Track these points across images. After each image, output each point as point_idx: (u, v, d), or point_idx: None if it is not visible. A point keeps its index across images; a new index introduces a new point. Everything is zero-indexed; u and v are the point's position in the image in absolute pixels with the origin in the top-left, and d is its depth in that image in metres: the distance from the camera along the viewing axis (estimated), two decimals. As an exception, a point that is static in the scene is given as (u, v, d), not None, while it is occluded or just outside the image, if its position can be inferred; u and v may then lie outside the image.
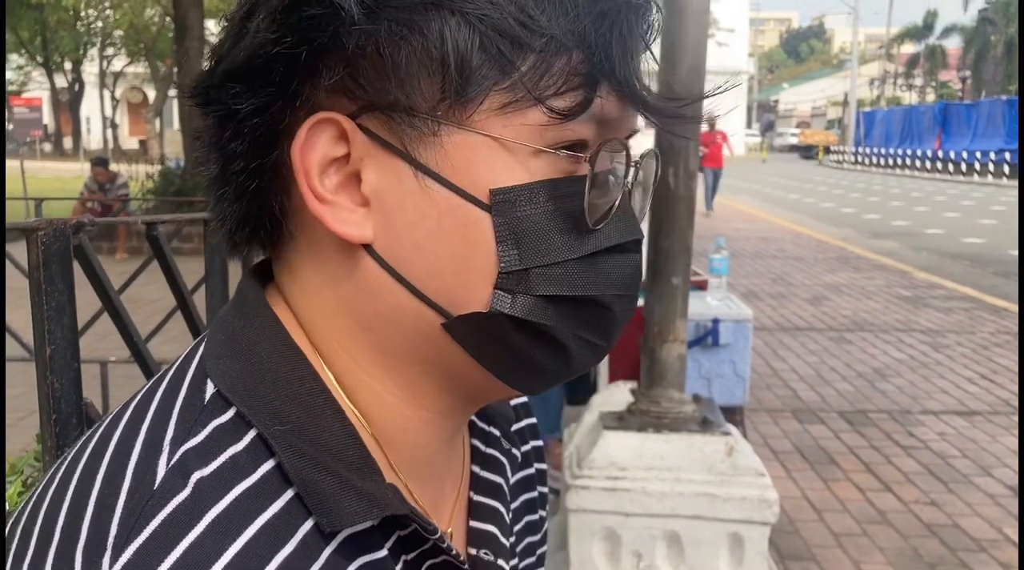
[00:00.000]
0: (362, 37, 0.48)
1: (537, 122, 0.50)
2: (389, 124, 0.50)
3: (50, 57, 37.84)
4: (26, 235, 0.98)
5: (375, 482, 0.52)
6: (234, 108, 0.51)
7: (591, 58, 0.50)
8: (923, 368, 6.49)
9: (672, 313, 2.72)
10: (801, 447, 4.88)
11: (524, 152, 0.51)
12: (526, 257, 0.51)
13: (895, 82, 71.43)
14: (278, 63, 0.49)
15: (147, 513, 0.46)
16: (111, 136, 38.81)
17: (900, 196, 23.71)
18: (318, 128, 0.51)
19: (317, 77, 0.50)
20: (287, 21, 0.48)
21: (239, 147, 0.52)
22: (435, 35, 0.49)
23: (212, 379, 0.52)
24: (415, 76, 0.49)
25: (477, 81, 0.49)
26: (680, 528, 2.54)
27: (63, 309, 0.99)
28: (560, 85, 0.50)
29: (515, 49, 0.49)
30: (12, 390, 4.05)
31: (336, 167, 0.52)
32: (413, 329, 0.54)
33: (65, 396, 1.01)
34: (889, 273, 10.91)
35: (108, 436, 0.52)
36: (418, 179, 0.51)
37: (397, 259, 0.52)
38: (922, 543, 3.77)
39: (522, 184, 0.51)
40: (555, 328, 0.53)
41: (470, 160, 0.50)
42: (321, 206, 0.51)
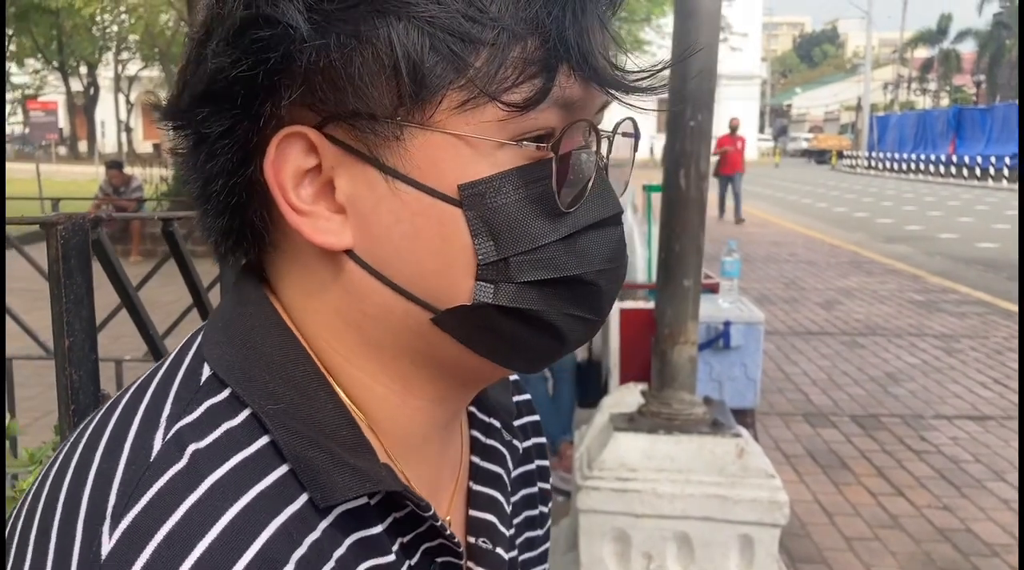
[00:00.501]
0: (313, 52, 0.49)
1: (495, 117, 0.51)
2: (354, 132, 0.52)
3: (66, 61, 38.09)
4: (46, 229, 1.00)
5: (369, 460, 0.54)
6: (203, 131, 0.53)
7: (545, 44, 0.50)
8: (936, 373, 6.46)
9: (683, 315, 2.72)
10: (813, 451, 4.87)
11: (487, 146, 0.51)
12: (503, 247, 0.52)
13: (909, 86, 71.14)
14: (237, 85, 0.50)
15: (144, 482, 0.47)
16: (126, 140, 39.01)
17: (913, 201, 23.61)
18: (287, 142, 0.52)
19: (277, 95, 0.51)
20: (240, 44, 0.49)
21: (214, 167, 0.54)
22: (384, 42, 0.49)
23: (208, 363, 0.54)
24: (370, 84, 0.50)
25: (432, 82, 0.50)
26: (690, 529, 2.54)
27: (81, 302, 1.01)
28: (517, 76, 0.50)
29: (467, 46, 0.50)
30: (29, 390, 4.08)
31: (310, 178, 0.53)
32: (402, 325, 0.55)
33: (83, 388, 1.03)
34: (902, 277, 10.86)
35: (108, 417, 0.53)
36: (388, 183, 0.52)
37: (379, 261, 0.53)
38: (934, 548, 3.75)
39: (488, 176, 0.51)
40: (542, 310, 0.54)
41: (435, 159, 0.51)
42: (299, 218, 0.53)
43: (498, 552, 0.66)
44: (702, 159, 2.66)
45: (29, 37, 35.03)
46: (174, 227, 1.37)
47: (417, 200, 0.51)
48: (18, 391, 3.09)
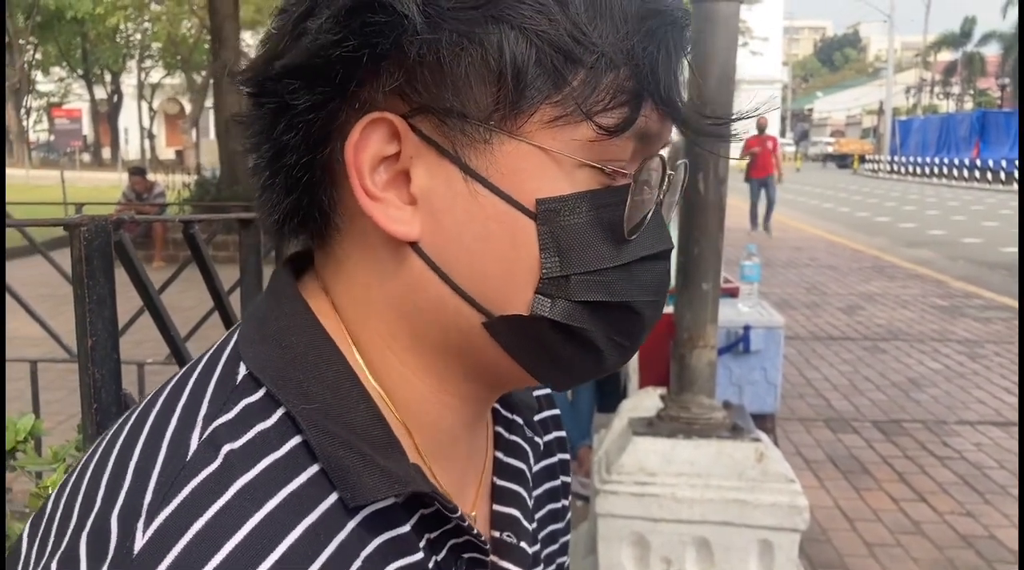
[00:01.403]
0: (423, 46, 0.50)
1: (584, 137, 0.52)
2: (441, 128, 0.52)
3: (90, 69, 38.54)
4: (69, 231, 1.02)
5: (398, 461, 0.54)
6: (290, 103, 0.53)
7: (638, 75, 0.52)
8: (959, 378, 6.40)
9: (702, 319, 2.72)
10: (834, 456, 4.83)
11: (569, 164, 0.52)
12: (567, 264, 0.53)
13: (932, 90, 70.59)
14: (338, 64, 0.51)
15: (179, 482, 0.48)
16: (148, 146, 39.38)
17: (936, 205, 23.41)
18: (372, 127, 0.52)
19: (376, 80, 0.52)
20: (350, 25, 0.50)
21: (292, 140, 0.54)
22: (494, 47, 0.50)
23: (244, 362, 0.55)
24: (472, 85, 0.51)
25: (531, 94, 0.51)
26: (710, 534, 2.53)
27: (104, 302, 1.03)
28: (608, 101, 0.52)
29: (568, 64, 0.51)
30: (53, 394, 4.13)
31: (386, 165, 0.54)
32: (452, 324, 0.56)
33: (105, 386, 1.05)
34: (925, 282, 10.77)
35: (146, 413, 0.55)
36: (467, 183, 0.52)
37: (443, 258, 0.54)
38: (957, 554, 3.71)
39: (566, 194, 0.53)
40: (590, 331, 0.55)
41: (518, 169, 0.52)
42: (371, 203, 0.53)
43: (522, 546, 0.66)
44: (720, 163, 2.65)
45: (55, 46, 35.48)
46: (195, 229, 1.38)
47: (493, 205, 0.52)
48: (43, 394, 3.13)
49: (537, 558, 0.71)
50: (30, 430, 1.29)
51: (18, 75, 33.99)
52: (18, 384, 3.75)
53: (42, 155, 39.27)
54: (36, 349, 3.80)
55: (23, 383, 3.10)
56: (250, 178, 0.60)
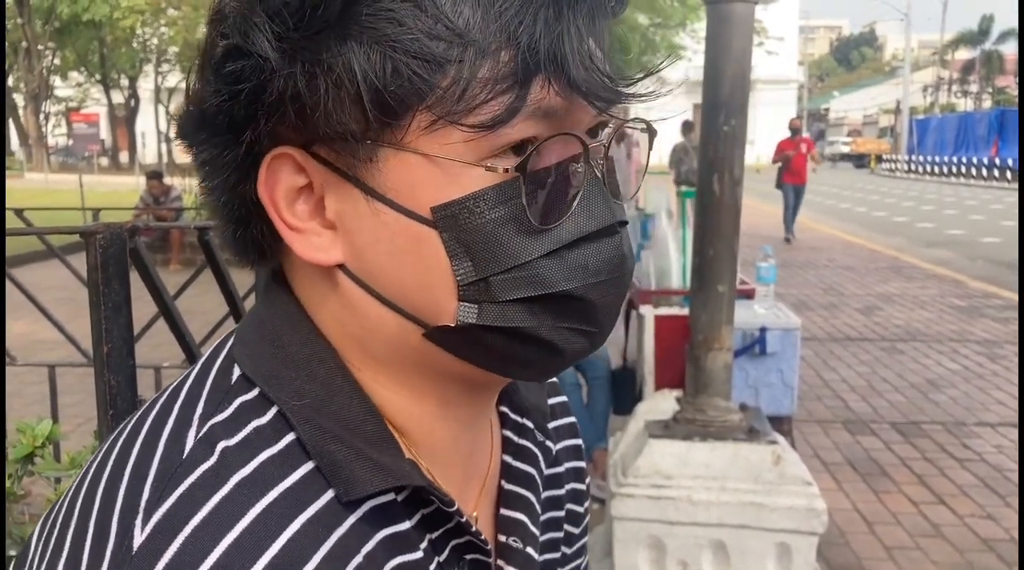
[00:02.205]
0: (282, 81, 0.50)
1: (462, 138, 0.50)
2: (335, 153, 0.53)
3: (107, 74, 38.81)
4: (85, 238, 1.03)
5: (392, 455, 0.55)
6: (198, 152, 0.55)
7: (518, 55, 0.49)
8: (979, 379, 6.35)
9: (718, 321, 2.71)
10: (852, 458, 4.80)
11: (457, 166, 0.51)
12: (481, 267, 0.52)
13: (949, 89, 70.11)
14: (221, 114, 0.53)
15: (176, 478, 0.49)
16: (166, 150, 39.58)
17: (955, 204, 23.23)
18: (277, 163, 0.54)
19: (256, 122, 0.52)
20: (220, 75, 0.52)
21: (218, 184, 0.56)
22: (346, 69, 0.49)
23: (238, 362, 0.56)
24: (337, 110, 0.51)
25: (397, 106, 0.50)
26: (726, 537, 2.52)
27: (119, 309, 1.04)
28: (486, 94, 0.49)
29: (431, 67, 0.49)
30: (71, 397, 4.16)
31: (304, 196, 0.55)
32: (398, 338, 0.56)
33: (121, 393, 1.06)
34: (943, 282, 10.69)
35: (144, 417, 0.56)
36: (368, 202, 0.53)
37: (369, 276, 0.55)
38: (978, 558, 3.68)
39: (460, 197, 0.51)
40: (531, 327, 0.53)
41: (409, 180, 0.52)
42: (292, 234, 0.55)
43: (528, 551, 0.66)
44: (736, 164, 2.64)
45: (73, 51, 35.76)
46: (210, 236, 1.40)
47: (395, 221, 0.52)
48: (61, 398, 3.15)
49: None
50: (48, 435, 1.31)
51: (37, 80, 34.30)
52: (38, 388, 3.77)
53: (61, 160, 39.60)
54: (55, 353, 3.83)
55: (43, 387, 3.12)
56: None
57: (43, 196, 18.63)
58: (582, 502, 0.79)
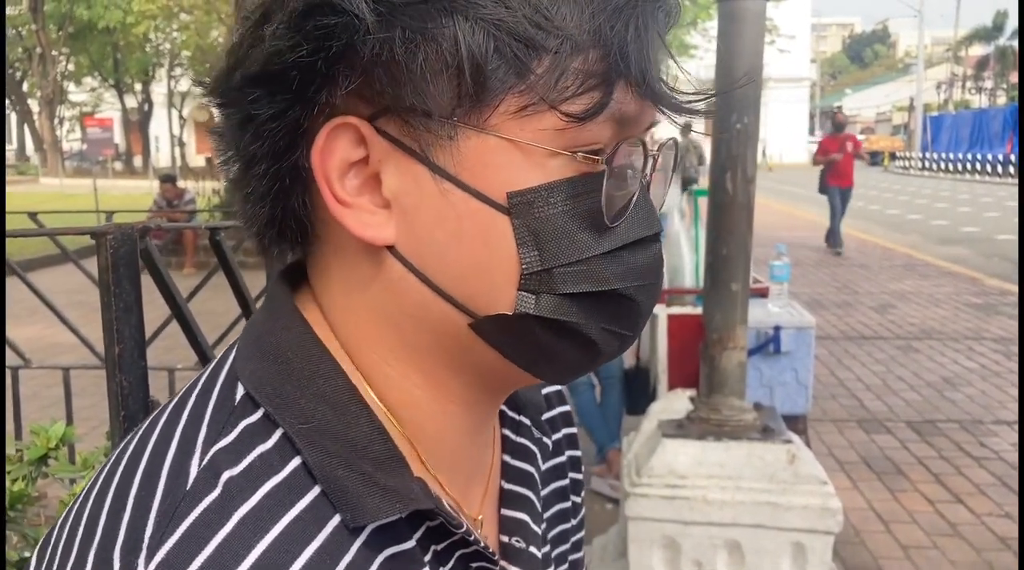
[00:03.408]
0: (377, 45, 0.49)
1: (553, 126, 0.50)
2: (407, 127, 0.51)
3: (121, 79, 39.04)
4: (96, 239, 1.03)
5: (401, 477, 0.53)
6: (253, 112, 0.52)
7: (607, 57, 0.50)
8: (995, 377, 6.30)
9: (732, 320, 2.69)
10: (867, 457, 4.78)
11: (540, 154, 0.51)
12: (547, 257, 0.52)
13: (963, 85, 69.69)
14: (294, 70, 0.50)
15: (180, 514, 0.47)
16: (179, 154, 39.81)
17: (969, 202, 23.08)
18: (337, 132, 0.51)
19: (334, 83, 0.50)
20: (302, 29, 0.49)
21: (259, 150, 0.53)
22: (449, 41, 0.49)
23: (241, 381, 0.54)
24: (430, 82, 0.49)
25: (493, 85, 0.49)
26: (741, 537, 2.51)
27: (131, 310, 1.04)
28: (577, 87, 0.50)
29: (530, 52, 0.49)
30: (85, 399, 4.18)
31: (356, 170, 0.52)
32: (439, 327, 0.54)
33: (133, 394, 1.05)
34: (958, 280, 10.62)
35: (147, 438, 0.54)
36: (436, 182, 0.51)
37: (421, 260, 0.53)
38: (997, 557, 3.65)
39: (539, 185, 0.51)
40: (581, 323, 0.53)
41: (487, 163, 0.51)
42: (342, 209, 0.52)
43: (531, 550, 0.66)
44: (748, 162, 2.63)
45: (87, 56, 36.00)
46: (221, 237, 1.39)
47: (464, 202, 0.51)
48: (75, 400, 3.16)
49: (548, 559, 0.70)
50: (61, 437, 1.32)
51: (51, 86, 34.53)
52: (54, 390, 3.79)
53: (75, 164, 39.84)
54: (71, 356, 3.85)
55: (59, 389, 3.14)
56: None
57: (58, 200, 18.76)
58: (579, 492, 0.78)
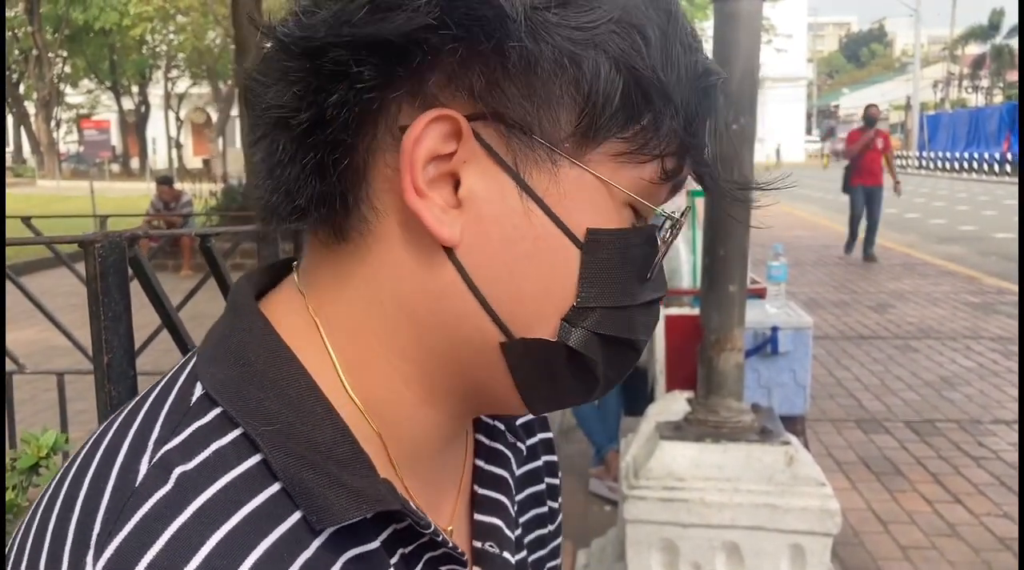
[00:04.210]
0: (523, 53, 0.48)
1: (640, 176, 0.53)
2: (505, 138, 0.51)
3: (118, 81, 39.03)
4: (84, 248, 1.02)
5: (366, 478, 0.52)
6: (351, 74, 0.49)
7: (688, 127, 0.53)
8: (994, 376, 6.30)
9: (729, 321, 2.69)
10: (866, 458, 4.77)
11: (620, 199, 0.53)
12: (598, 296, 0.53)
13: (960, 84, 69.79)
14: (426, 49, 0.48)
15: (128, 509, 0.46)
16: (176, 156, 39.80)
17: (967, 200, 23.11)
18: (435, 122, 0.50)
19: (455, 75, 0.49)
20: (453, 13, 0.47)
21: (341, 114, 0.50)
22: (591, 72, 0.50)
23: (201, 382, 0.52)
24: (557, 105, 0.50)
25: (607, 124, 0.51)
26: (739, 539, 2.50)
27: (119, 319, 1.03)
28: (664, 147, 0.53)
29: (644, 103, 0.51)
30: (81, 404, 4.16)
31: (436, 163, 0.51)
32: (466, 338, 0.54)
33: (122, 403, 1.04)
34: (956, 279, 10.63)
35: (99, 442, 0.52)
36: (523, 200, 0.51)
37: (477, 269, 0.52)
38: (995, 557, 3.65)
39: (614, 229, 0.53)
40: (597, 363, 0.55)
41: (575, 196, 0.52)
42: (419, 200, 0.50)
43: (504, 556, 0.65)
44: (745, 163, 2.62)
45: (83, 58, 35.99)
46: (211, 243, 1.38)
47: (543, 226, 0.52)
48: (72, 405, 3.15)
49: (524, 564, 0.69)
50: (52, 445, 1.30)
51: (48, 88, 34.50)
52: (51, 395, 3.78)
53: (72, 166, 39.79)
54: (67, 360, 3.84)
55: (53, 393, 3.13)
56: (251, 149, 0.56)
57: (55, 203, 18.74)
58: (556, 497, 0.77)
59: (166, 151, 40.75)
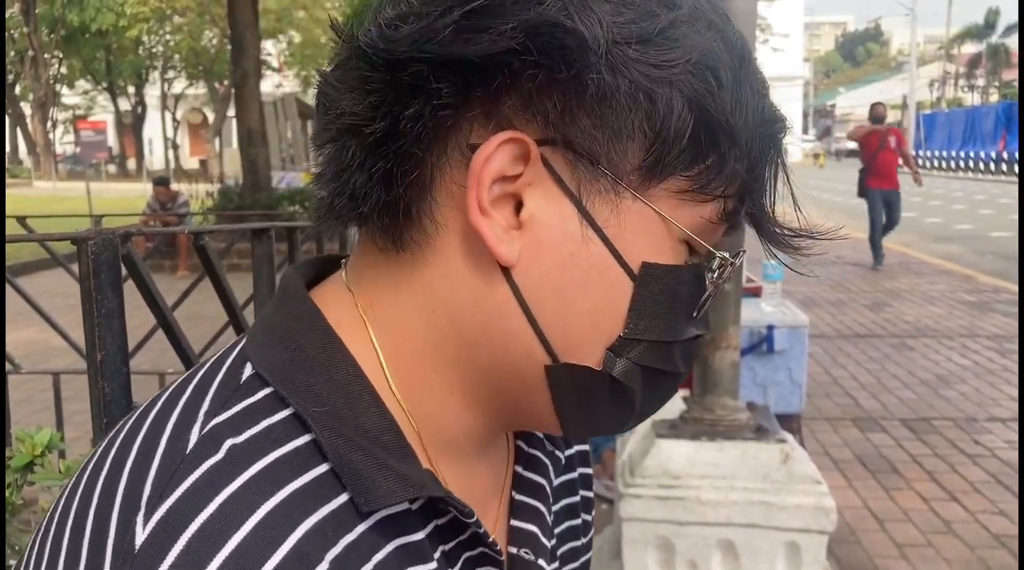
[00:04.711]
0: (601, 84, 0.50)
1: (702, 215, 0.54)
2: (572, 166, 0.52)
3: (114, 82, 39.00)
4: (77, 245, 1.02)
5: (412, 465, 0.53)
6: (430, 90, 0.50)
7: (750, 172, 0.54)
8: (989, 375, 6.31)
9: (724, 320, 2.69)
10: (862, 456, 4.78)
11: (676, 236, 0.54)
12: (645, 329, 0.54)
13: (956, 83, 69.89)
14: (507, 72, 0.50)
15: (180, 474, 0.47)
16: (172, 156, 39.77)
17: (963, 199, 23.14)
18: (506, 145, 0.51)
19: (534, 100, 0.50)
20: (536, 40, 0.48)
21: (414, 128, 0.51)
22: (663, 108, 0.51)
23: (252, 363, 0.53)
24: (628, 138, 0.51)
25: (673, 161, 0.52)
26: (735, 537, 2.51)
27: (112, 316, 1.03)
28: (725, 189, 0.54)
29: (711, 143, 0.52)
30: (76, 404, 4.17)
31: (501, 184, 0.52)
32: (511, 357, 0.55)
33: (115, 400, 1.05)
34: (952, 278, 10.64)
35: (146, 413, 0.53)
36: (582, 227, 0.52)
37: (532, 292, 0.53)
38: (990, 554, 3.65)
39: (668, 265, 0.54)
40: (636, 393, 0.56)
41: (635, 229, 0.53)
42: (481, 218, 0.51)
43: (540, 563, 0.65)
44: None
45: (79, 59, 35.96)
46: (205, 241, 1.38)
47: (600, 255, 0.52)
48: (68, 405, 3.15)
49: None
50: (47, 443, 1.30)
51: (44, 89, 34.46)
52: (45, 394, 3.78)
53: (69, 167, 39.74)
54: (63, 360, 3.84)
55: (50, 393, 3.13)
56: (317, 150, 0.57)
57: (51, 203, 18.71)
58: (590, 511, 0.78)
59: (162, 152, 40.74)
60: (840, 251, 13.01)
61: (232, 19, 12.20)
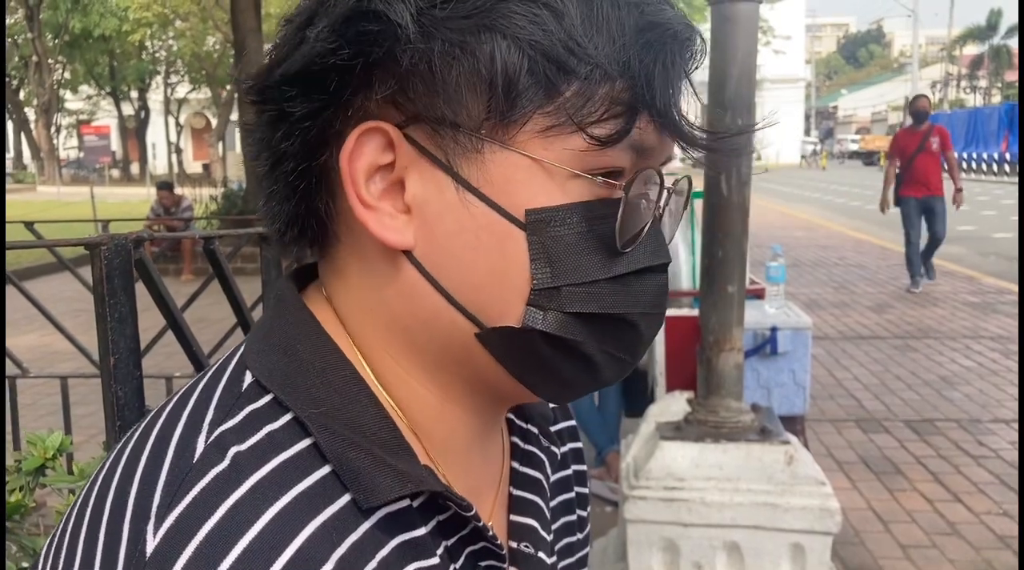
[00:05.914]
0: (416, 54, 0.50)
1: (576, 147, 0.52)
2: (435, 137, 0.52)
3: (117, 86, 39.07)
4: (90, 250, 1.04)
5: (409, 462, 0.54)
6: (287, 110, 0.54)
7: (633, 88, 0.52)
8: (993, 376, 6.31)
9: (728, 322, 2.70)
10: (866, 457, 4.78)
11: (561, 174, 0.52)
12: (558, 275, 0.53)
13: (958, 84, 69.83)
14: (333, 72, 0.52)
15: (188, 482, 0.48)
16: (176, 161, 39.81)
17: (966, 200, 23.03)
18: (367, 136, 0.53)
19: (369, 88, 0.52)
20: (345, 34, 0.51)
21: (290, 148, 0.55)
22: (486, 57, 0.51)
23: (251, 370, 0.55)
24: (463, 94, 0.51)
25: (522, 103, 0.51)
26: (740, 538, 2.51)
27: (125, 321, 1.04)
28: (602, 113, 0.52)
29: (561, 75, 0.51)
30: (84, 408, 4.18)
31: (382, 174, 0.54)
32: (447, 334, 0.56)
33: (128, 404, 1.06)
34: (955, 279, 10.63)
35: (152, 424, 0.55)
36: (459, 193, 0.53)
37: (436, 267, 0.54)
38: (996, 555, 3.65)
39: (556, 205, 0.53)
40: (583, 343, 0.55)
41: (509, 178, 0.52)
42: (366, 212, 0.54)
43: (540, 556, 0.66)
44: (743, 164, 2.64)
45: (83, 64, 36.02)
46: (215, 245, 1.40)
47: (484, 215, 0.53)
48: (74, 409, 3.16)
49: (555, 569, 0.70)
50: (58, 446, 1.32)
51: (48, 94, 34.53)
52: (53, 399, 3.79)
53: (72, 172, 39.81)
54: (70, 364, 3.86)
55: (57, 397, 3.14)
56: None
57: (55, 208, 18.74)
58: (585, 507, 0.79)
59: (166, 156, 40.77)
60: (842, 252, 13.02)
61: (235, 24, 12.22)
